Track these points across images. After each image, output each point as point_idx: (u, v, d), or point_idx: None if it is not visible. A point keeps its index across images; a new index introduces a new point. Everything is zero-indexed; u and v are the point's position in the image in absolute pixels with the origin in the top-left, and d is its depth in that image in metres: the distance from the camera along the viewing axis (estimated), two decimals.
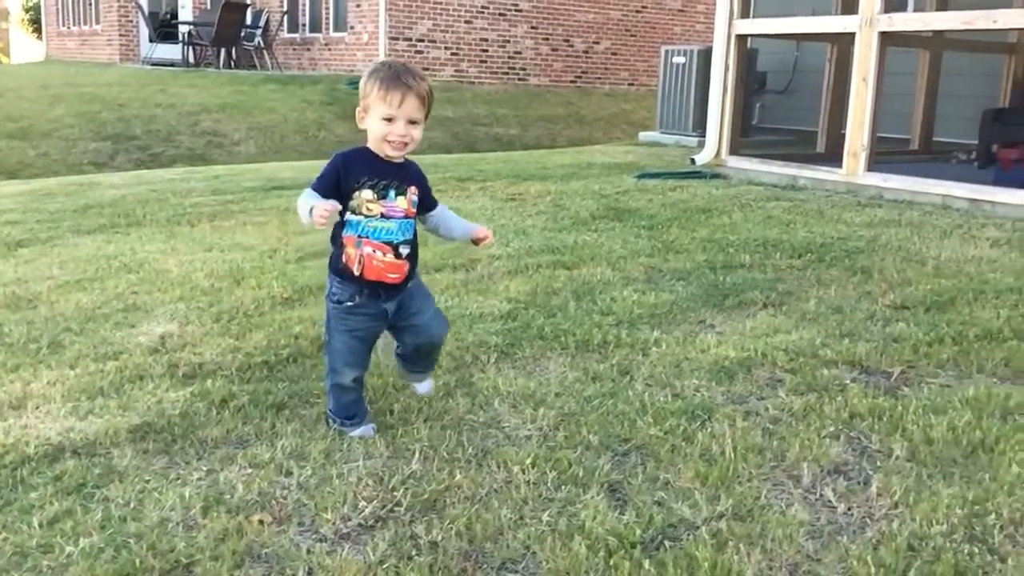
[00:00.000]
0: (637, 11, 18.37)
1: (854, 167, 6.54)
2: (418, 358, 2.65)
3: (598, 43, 18.04)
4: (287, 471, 2.28)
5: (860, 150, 6.48)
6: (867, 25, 6.34)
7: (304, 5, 18.17)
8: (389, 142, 2.36)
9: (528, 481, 2.22)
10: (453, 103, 15.41)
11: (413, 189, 2.44)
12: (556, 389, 2.82)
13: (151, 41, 18.63)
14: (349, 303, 2.43)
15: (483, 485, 2.21)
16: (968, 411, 2.59)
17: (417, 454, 2.37)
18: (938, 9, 8.06)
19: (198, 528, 2.01)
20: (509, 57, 17.03)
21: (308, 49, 18.08)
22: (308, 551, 1.94)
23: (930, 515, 2.04)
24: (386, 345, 2.77)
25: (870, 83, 6.34)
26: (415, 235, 2.48)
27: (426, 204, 2.53)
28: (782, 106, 11.26)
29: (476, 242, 2.58)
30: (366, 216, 2.37)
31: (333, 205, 2.29)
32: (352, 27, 16.63)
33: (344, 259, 2.41)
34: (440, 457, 2.36)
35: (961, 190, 5.96)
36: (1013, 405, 2.65)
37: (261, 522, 2.04)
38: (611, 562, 1.88)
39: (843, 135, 6.77)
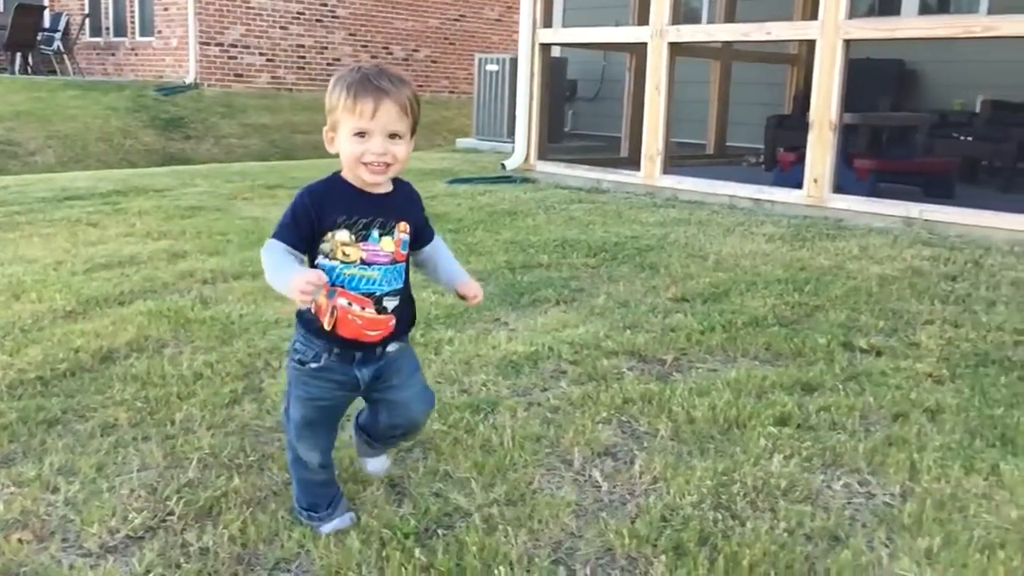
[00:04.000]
0: (455, 20, 18.58)
1: (651, 170, 6.90)
2: (387, 436, 2.17)
3: (417, 51, 18.11)
4: (54, 487, 2.20)
5: (656, 154, 6.84)
6: (657, 36, 6.70)
7: (107, 8, 17.28)
8: (365, 164, 1.87)
9: None
10: (271, 110, 15.08)
11: (403, 226, 1.95)
12: None
13: None
14: (313, 364, 1.96)
15: (262, 489, 2.21)
16: (728, 391, 2.80)
17: (195, 462, 2.33)
18: (726, 22, 8.62)
19: None
20: (328, 64, 16.82)
21: (113, 54, 17.23)
22: (70, 567, 1.88)
23: (683, 488, 2.20)
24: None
25: (662, 91, 6.71)
26: (406, 282, 2.00)
27: (420, 239, 2.04)
28: (592, 113, 11.73)
29: (462, 297, 2.07)
30: (342, 262, 1.91)
31: (318, 276, 1.81)
32: (160, 31, 15.97)
33: (313, 308, 1.93)
34: (220, 463, 2.34)
35: (746, 191, 6.40)
36: (768, 384, 2.88)
37: (20, 540, 1.96)
38: (384, 553, 1.93)
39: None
